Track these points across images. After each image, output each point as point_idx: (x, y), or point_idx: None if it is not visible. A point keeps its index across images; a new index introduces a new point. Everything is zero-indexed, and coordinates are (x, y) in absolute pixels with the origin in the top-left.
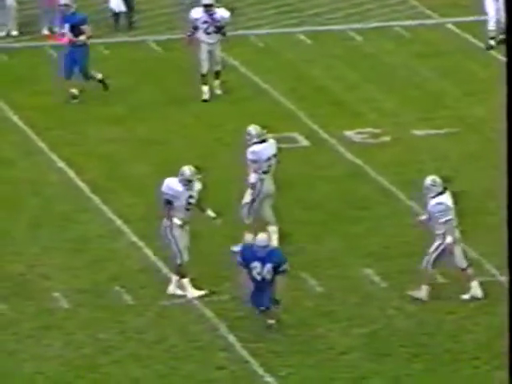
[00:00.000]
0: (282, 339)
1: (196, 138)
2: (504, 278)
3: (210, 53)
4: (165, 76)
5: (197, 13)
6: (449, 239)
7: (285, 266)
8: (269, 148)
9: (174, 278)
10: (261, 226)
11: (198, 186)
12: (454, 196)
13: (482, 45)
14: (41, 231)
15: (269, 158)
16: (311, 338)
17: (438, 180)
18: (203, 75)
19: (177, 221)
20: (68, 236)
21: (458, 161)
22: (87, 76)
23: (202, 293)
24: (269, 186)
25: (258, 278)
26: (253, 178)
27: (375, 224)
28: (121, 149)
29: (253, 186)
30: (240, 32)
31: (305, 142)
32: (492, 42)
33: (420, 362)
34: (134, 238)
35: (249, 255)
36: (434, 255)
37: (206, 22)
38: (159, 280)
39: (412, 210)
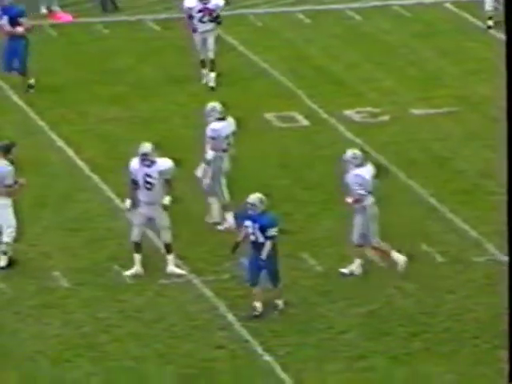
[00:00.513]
0: (282, 318)
1: (195, 117)
2: (504, 258)
3: (204, 40)
4: (164, 55)
5: (191, 2)
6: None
7: (272, 231)
8: (228, 126)
9: (170, 257)
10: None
11: (164, 166)
12: (377, 170)
13: (480, 24)
14: (41, 210)
15: (227, 136)
16: (310, 318)
17: (359, 153)
18: (202, 61)
19: (126, 203)
20: (68, 215)
21: (458, 140)
22: (24, 70)
23: (132, 272)
24: (226, 164)
25: (253, 238)
26: (209, 154)
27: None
28: (120, 128)
29: (208, 163)
30: (238, 11)
31: (304, 122)
32: (490, 23)
33: (419, 341)
34: None
35: (243, 214)
36: (372, 228)
37: (200, 11)
38: (158, 259)
39: (411, 188)
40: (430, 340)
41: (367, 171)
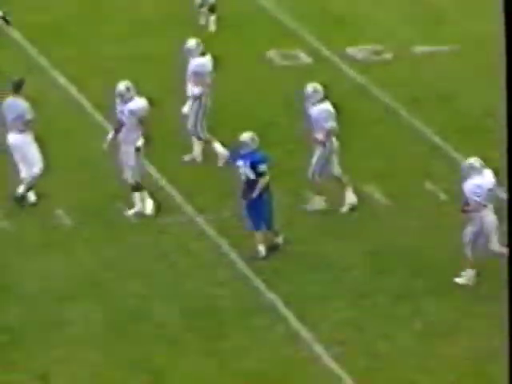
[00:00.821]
0: (284, 257)
1: None
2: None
3: None
4: None
5: None
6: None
7: (263, 168)
8: (209, 62)
9: (135, 194)
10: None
11: (135, 105)
12: (335, 105)
13: None
14: (44, 149)
15: (210, 72)
16: (313, 256)
17: (319, 87)
18: (200, 4)
19: (108, 136)
20: (70, 153)
21: (460, 78)
22: None
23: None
24: (210, 100)
25: (244, 178)
26: (197, 90)
27: (378, 141)
28: (122, 65)
29: (196, 98)
30: None
31: (307, 60)
32: None
33: (423, 279)
34: None
35: (235, 154)
36: (319, 164)
37: None
38: (161, 197)
39: (414, 126)
40: (434, 278)
41: (329, 105)
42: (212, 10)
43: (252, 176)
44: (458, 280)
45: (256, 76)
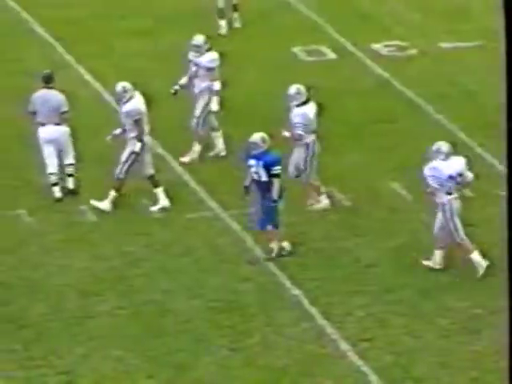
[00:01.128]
0: (309, 253)
1: (223, 52)
2: None
3: None
4: None
5: None
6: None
7: (277, 169)
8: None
9: (111, 192)
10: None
11: (129, 107)
12: (319, 106)
13: None
14: None
15: (219, 67)
16: (338, 252)
17: (303, 89)
18: (220, 9)
19: (114, 132)
20: (94, 149)
21: (484, 73)
22: None
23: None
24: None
25: (256, 177)
26: (217, 85)
27: (402, 137)
28: (145, 62)
29: (217, 93)
30: None
31: (332, 55)
32: None
33: (447, 274)
34: (160, 150)
35: (247, 154)
36: (309, 168)
37: None
38: (186, 193)
39: (440, 122)
40: (457, 274)
41: (311, 109)
42: (235, 7)
43: (264, 177)
44: (478, 275)
45: (281, 72)
